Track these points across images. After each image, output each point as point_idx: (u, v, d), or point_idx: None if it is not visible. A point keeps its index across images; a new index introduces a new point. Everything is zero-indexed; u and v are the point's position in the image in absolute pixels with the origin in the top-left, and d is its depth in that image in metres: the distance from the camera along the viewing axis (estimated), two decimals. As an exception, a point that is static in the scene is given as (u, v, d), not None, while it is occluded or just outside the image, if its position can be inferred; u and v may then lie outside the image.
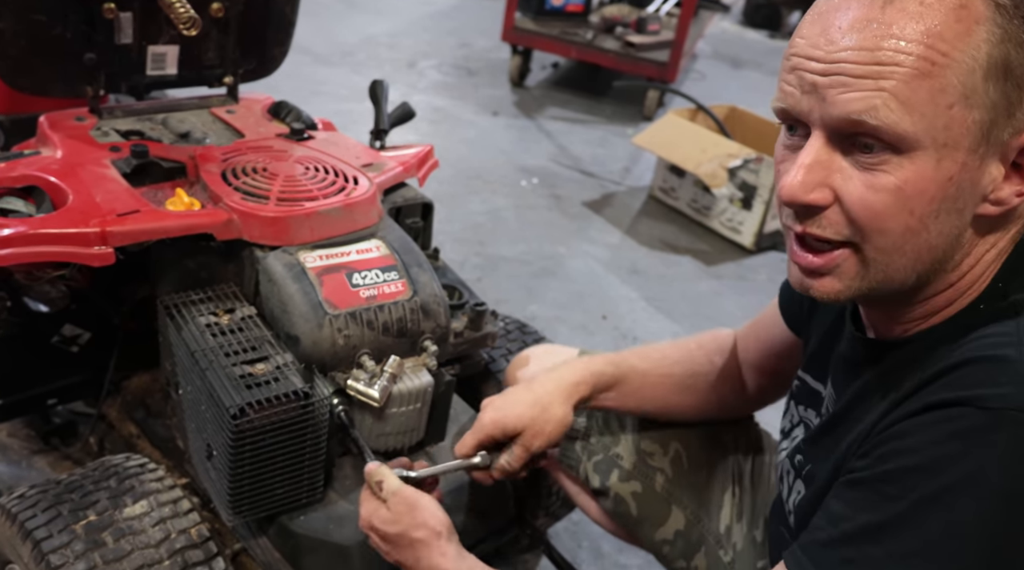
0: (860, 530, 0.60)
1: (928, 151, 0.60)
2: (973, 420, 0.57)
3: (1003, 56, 0.58)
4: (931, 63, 0.58)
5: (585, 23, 3.90)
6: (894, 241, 0.63)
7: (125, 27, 1.19)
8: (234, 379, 0.92)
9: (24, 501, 0.93)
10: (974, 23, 0.58)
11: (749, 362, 1.05)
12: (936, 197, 0.61)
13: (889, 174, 0.61)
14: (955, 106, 0.59)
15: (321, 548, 0.99)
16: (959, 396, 0.58)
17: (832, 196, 0.63)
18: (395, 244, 1.11)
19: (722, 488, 1.07)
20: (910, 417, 0.60)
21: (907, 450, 0.59)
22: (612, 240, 2.72)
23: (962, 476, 0.56)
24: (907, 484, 0.58)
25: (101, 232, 0.96)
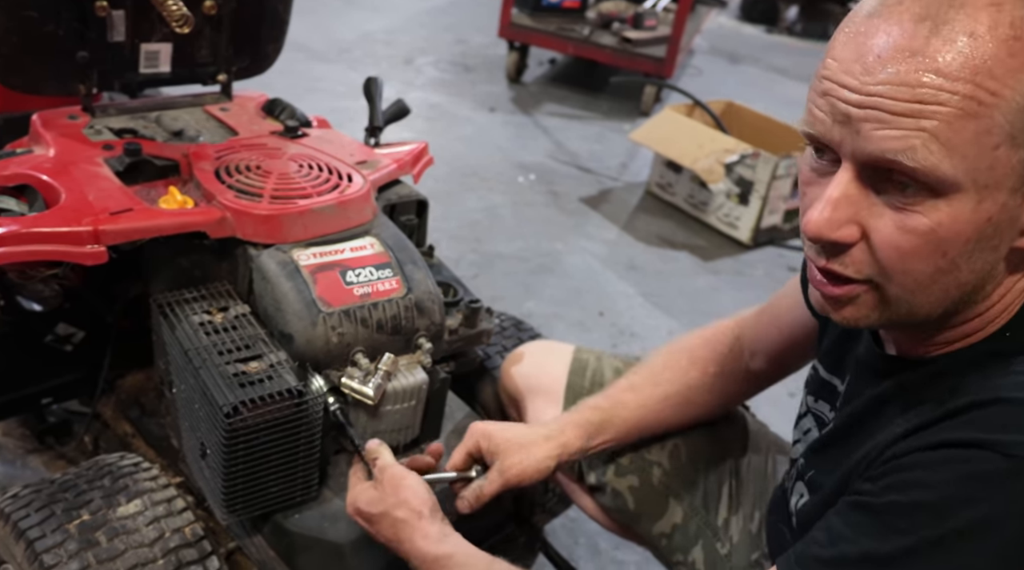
0: (861, 556, 0.59)
1: (968, 193, 0.57)
2: (993, 465, 0.55)
3: None
4: (978, 103, 0.54)
5: (582, 19, 3.90)
6: (920, 282, 0.60)
7: (118, 25, 1.18)
8: (227, 377, 0.92)
9: (17, 501, 0.93)
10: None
11: (767, 353, 1.01)
12: (972, 238, 0.58)
13: (923, 216, 0.57)
14: (1001, 147, 0.55)
15: (316, 546, 0.99)
16: (981, 439, 0.56)
17: (859, 233, 0.60)
18: (389, 241, 1.11)
19: (719, 481, 1.07)
20: (927, 450, 0.59)
21: (920, 484, 0.58)
22: (609, 236, 2.72)
23: (974, 521, 0.55)
24: (916, 520, 0.57)
25: (94, 231, 0.96)
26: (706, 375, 1.04)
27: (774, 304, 1.00)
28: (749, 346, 1.03)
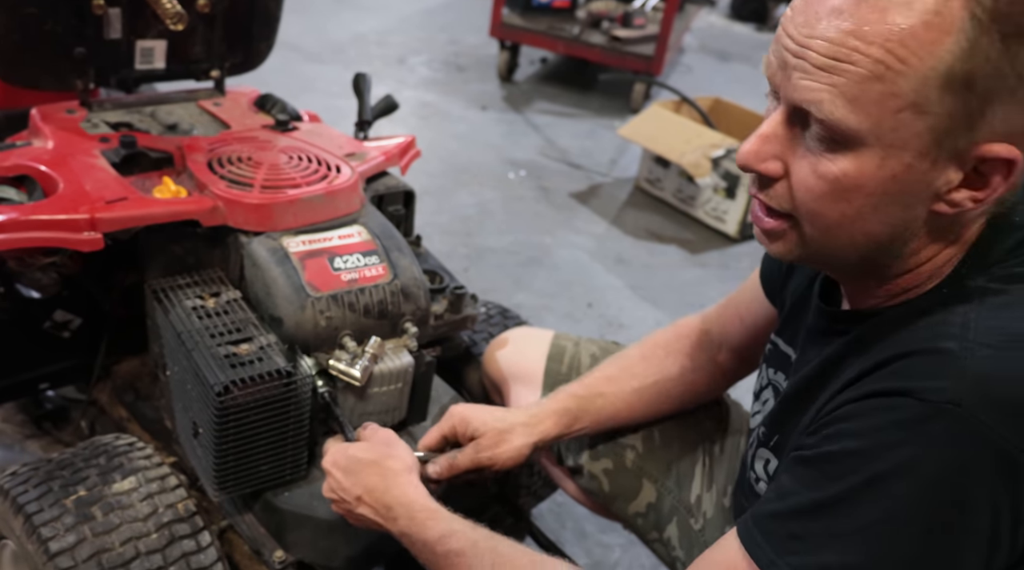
0: (804, 506, 0.63)
1: (873, 150, 0.61)
2: (912, 411, 0.59)
3: (966, 70, 0.57)
4: (886, 67, 0.58)
5: (572, 18, 3.94)
6: (828, 224, 0.65)
7: (114, 22, 1.22)
8: (219, 359, 0.96)
9: (16, 478, 0.97)
10: (944, 33, 0.57)
11: (732, 346, 1.05)
12: (876, 192, 0.62)
13: (832, 164, 0.62)
14: (904, 111, 0.59)
15: (305, 523, 1.03)
16: (900, 387, 0.60)
17: (783, 170, 0.66)
18: (376, 230, 1.15)
19: (693, 460, 1.10)
20: (856, 401, 0.63)
21: (849, 433, 0.62)
22: (598, 230, 2.76)
23: (897, 463, 0.59)
24: (847, 466, 0.61)
25: (90, 218, 1.00)
26: (680, 368, 1.07)
27: (735, 298, 1.04)
28: (716, 339, 1.06)
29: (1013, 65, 0.58)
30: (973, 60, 0.57)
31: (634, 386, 1.06)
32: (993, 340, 0.60)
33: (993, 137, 0.60)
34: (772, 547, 0.63)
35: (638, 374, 1.07)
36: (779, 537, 0.63)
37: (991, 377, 0.59)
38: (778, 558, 0.63)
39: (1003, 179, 0.61)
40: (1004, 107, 0.59)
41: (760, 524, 0.66)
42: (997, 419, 0.58)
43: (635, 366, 1.08)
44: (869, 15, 0.58)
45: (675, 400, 1.08)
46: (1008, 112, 0.59)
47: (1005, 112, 0.59)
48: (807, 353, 0.79)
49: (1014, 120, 0.60)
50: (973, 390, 0.58)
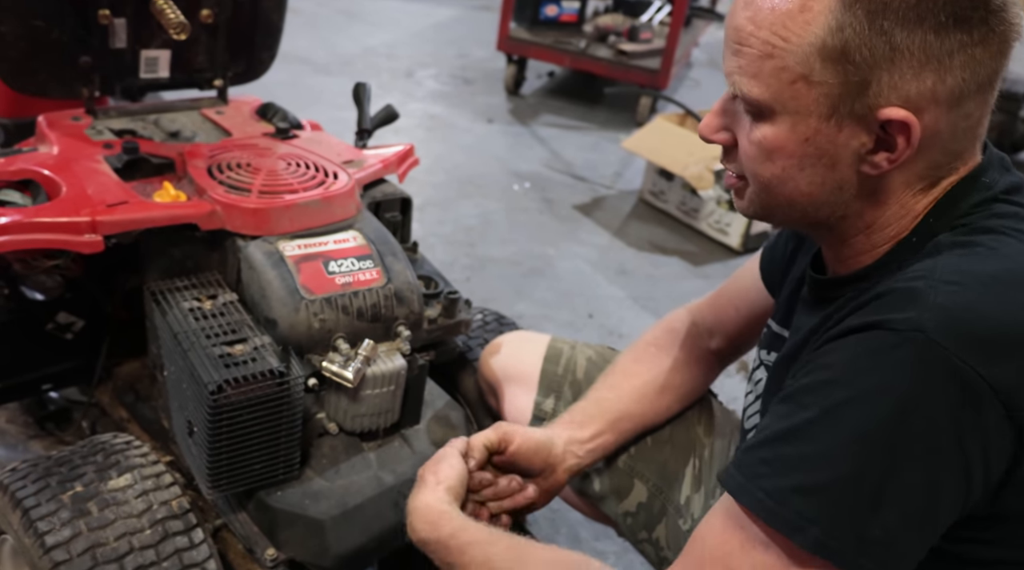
0: (777, 434, 0.67)
1: (783, 117, 0.70)
2: (881, 340, 0.64)
3: (839, 43, 0.66)
4: (772, 46, 0.68)
5: (579, 32, 3.98)
6: (764, 184, 0.74)
7: (119, 32, 1.26)
8: (213, 358, 0.98)
9: (15, 474, 0.99)
10: (816, 14, 0.66)
11: (724, 332, 1.08)
12: (795, 153, 0.71)
13: (757, 130, 0.72)
14: (797, 82, 0.68)
15: (297, 522, 1.04)
16: (872, 320, 0.65)
17: (732, 139, 0.76)
18: (371, 235, 1.17)
19: (683, 460, 1.11)
20: (834, 339, 0.68)
21: (825, 366, 0.66)
22: (601, 242, 2.77)
23: (867, 388, 0.63)
24: (820, 394, 0.65)
25: (91, 221, 1.02)
26: (674, 360, 1.10)
27: (728, 288, 1.09)
28: (708, 328, 1.10)
29: (883, 38, 0.65)
30: (843, 34, 0.65)
31: (636, 385, 1.09)
32: (956, 278, 0.65)
33: (888, 102, 0.66)
34: (743, 474, 0.67)
35: (635, 374, 1.10)
36: (750, 464, 0.67)
37: (953, 308, 0.63)
38: (748, 482, 0.66)
39: (906, 141, 0.67)
40: (888, 75, 0.66)
41: (737, 463, 0.69)
42: (959, 346, 0.61)
43: (631, 368, 1.11)
44: (762, 3, 0.69)
45: (675, 390, 1.10)
46: (894, 79, 0.66)
47: (891, 79, 0.66)
48: (798, 324, 0.84)
49: (903, 86, 0.66)
50: (936, 319, 0.62)
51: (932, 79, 0.66)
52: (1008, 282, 0.65)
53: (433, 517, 0.88)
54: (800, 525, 0.63)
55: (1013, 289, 0.65)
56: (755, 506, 0.65)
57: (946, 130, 0.68)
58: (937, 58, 0.65)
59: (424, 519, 0.88)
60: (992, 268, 0.66)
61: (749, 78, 0.70)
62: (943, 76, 0.66)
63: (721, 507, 0.70)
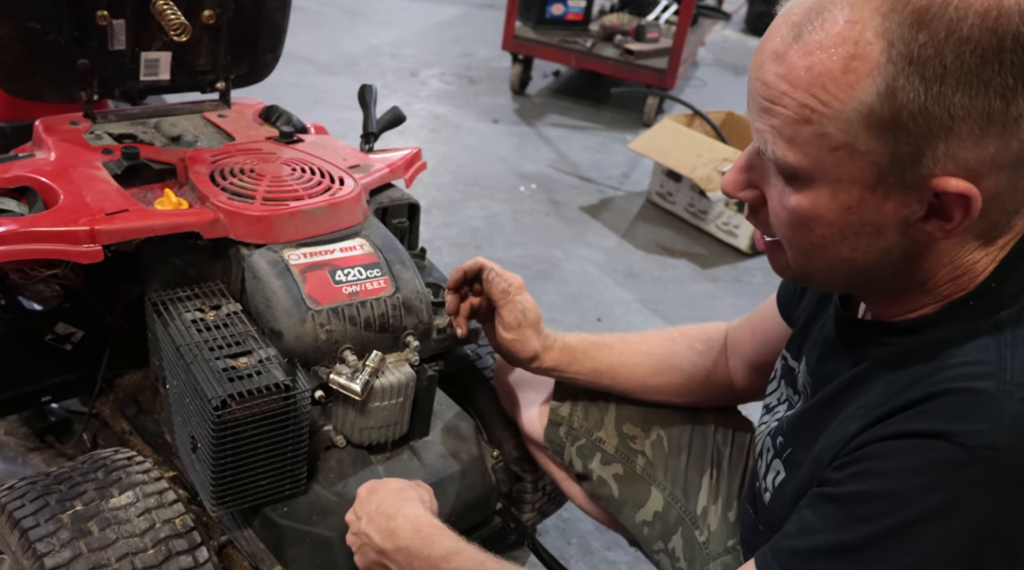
0: (830, 546, 0.62)
1: (822, 185, 0.62)
2: (947, 454, 0.58)
3: (890, 111, 0.58)
4: (811, 110, 0.60)
5: (585, 31, 3.94)
6: (802, 250, 0.68)
7: (118, 34, 1.22)
8: (217, 372, 0.95)
9: (13, 492, 0.96)
10: (862, 76, 0.58)
11: (742, 356, 1.07)
12: (836, 222, 0.64)
13: (791, 196, 0.65)
14: (840, 150, 0.60)
15: (304, 539, 1.01)
16: (936, 429, 0.59)
17: (761, 197, 0.69)
18: (379, 243, 1.14)
19: (700, 471, 1.09)
20: (887, 440, 0.62)
21: (880, 474, 0.61)
22: (609, 244, 2.74)
23: (931, 508, 0.58)
24: (878, 508, 0.60)
25: (90, 230, 0.99)
26: (691, 349, 1.09)
27: (755, 313, 1.06)
28: (733, 346, 1.08)
29: (941, 106, 0.57)
30: (895, 101, 0.58)
31: (644, 350, 1.10)
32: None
33: (945, 171, 0.59)
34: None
35: (652, 344, 1.11)
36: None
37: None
38: None
39: (963, 213, 0.60)
40: (945, 144, 0.58)
41: (781, 560, 0.64)
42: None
43: (652, 338, 1.13)
44: (797, 60, 0.60)
45: (681, 385, 1.09)
46: (952, 148, 0.58)
47: (948, 148, 0.58)
48: (821, 367, 0.78)
49: (962, 155, 0.59)
50: (1012, 434, 0.57)
51: (996, 145, 0.58)
52: None
53: (428, 531, 0.85)
54: None
55: None
56: None
57: (1007, 192, 0.61)
58: (1002, 123, 0.57)
59: (415, 530, 0.86)
60: None
61: (784, 142, 0.62)
62: (1008, 141, 0.58)
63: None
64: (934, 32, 0.56)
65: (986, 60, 0.56)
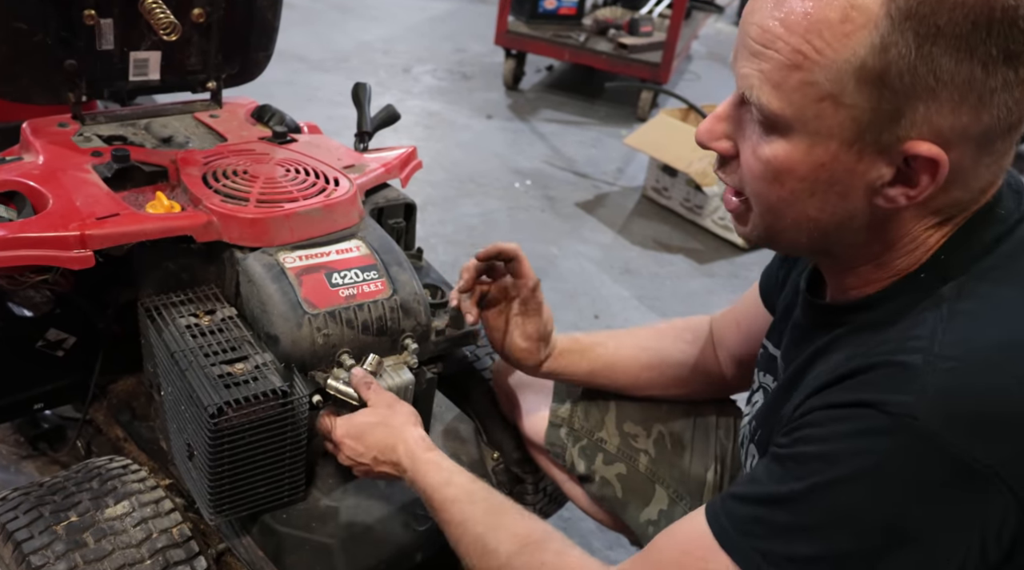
0: (768, 497, 0.65)
1: (800, 136, 0.63)
2: (874, 422, 0.61)
3: (880, 65, 0.59)
4: (803, 56, 0.61)
5: (578, 26, 3.92)
6: (769, 205, 0.68)
7: (106, 33, 1.20)
8: (213, 379, 0.93)
9: (6, 503, 0.94)
10: (859, 27, 0.59)
11: (728, 349, 1.08)
12: (807, 178, 0.65)
13: (767, 146, 0.65)
14: (825, 100, 0.61)
15: (304, 546, 1.00)
16: (865, 399, 0.62)
17: (734, 149, 0.69)
18: (375, 244, 1.12)
19: (704, 467, 1.09)
20: (825, 408, 0.65)
21: (817, 439, 0.64)
22: (605, 240, 2.73)
23: (857, 471, 0.61)
24: (812, 468, 0.63)
25: (80, 235, 0.97)
26: (680, 339, 1.11)
27: (737, 304, 1.07)
28: (718, 338, 1.09)
29: (929, 66, 0.59)
30: (886, 56, 0.59)
31: (634, 345, 1.11)
32: (957, 353, 0.61)
33: (919, 135, 0.61)
34: (733, 525, 0.66)
35: (642, 339, 1.13)
36: (741, 518, 0.66)
37: (952, 391, 0.60)
38: (738, 537, 0.66)
39: (930, 179, 0.62)
40: (925, 106, 0.60)
41: (725, 503, 0.68)
42: (955, 432, 0.59)
43: (641, 333, 1.15)
44: (796, 5, 0.61)
45: (673, 378, 1.11)
46: (930, 112, 0.60)
47: (927, 111, 0.60)
48: (792, 351, 0.80)
49: (937, 121, 0.60)
50: (933, 404, 0.59)
51: (969, 115, 0.60)
52: (1010, 349, 0.61)
53: (423, 467, 0.90)
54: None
55: (1014, 360, 0.61)
56: (747, 566, 0.65)
57: (970, 168, 0.64)
58: (979, 94, 0.59)
59: (415, 468, 0.90)
60: (997, 335, 0.62)
61: (770, 87, 0.62)
62: (980, 113, 0.60)
63: (694, 529, 0.69)
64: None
65: (976, 26, 0.58)
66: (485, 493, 0.87)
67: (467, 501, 0.86)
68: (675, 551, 0.70)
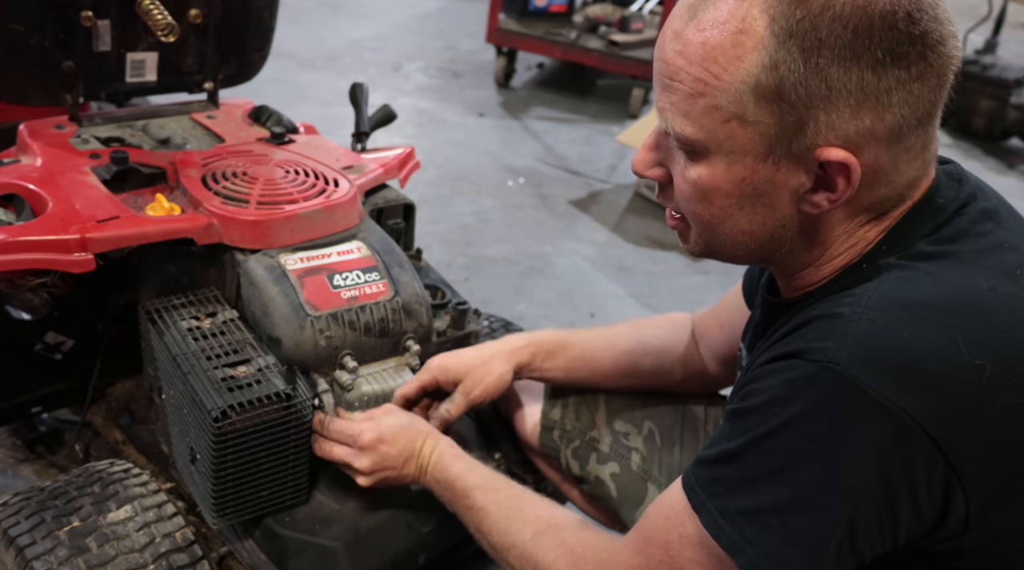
0: (724, 455, 0.68)
1: (718, 156, 0.67)
2: (801, 371, 0.64)
3: (773, 82, 0.63)
4: (704, 83, 0.65)
5: (569, 23, 3.92)
6: (703, 223, 0.72)
7: (103, 34, 1.19)
8: (216, 382, 0.93)
9: (7, 508, 0.93)
10: (749, 50, 0.63)
11: (711, 348, 1.09)
12: (732, 193, 0.69)
13: (691, 169, 0.69)
14: (731, 121, 0.65)
15: (307, 549, 1.00)
16: (794, 349, 0.65)
17: (667, 175, 0.74)
18: (376, 245, 1.12)
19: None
20: (765, 364, 0.68)
21: (756, 392, 0.67)
22: (599, 238, 2.73)
23: (787, 418, 0.64)
24: (752, 421, 0.66)
25: (81, 239, 0.96)
26: (659, 328, 1.14)
27: (720, 304, 1.08)
28: (699, 335, 1.11)
29: (819, 77, 0.62)
30: (777, 73, 0.63)
31: (611, 337, 1.13)
32: (881, 305, 0.64)
33: (827, 142, 0.64)
34: (700, 486, 0.69)
35: (619, 331, 1.15)
36: (706, 480, 0.69)
37: (872, 338, 0.62)
38: (707, 500, 0.68)
39: (846, 182, 0.65)
40: (825, 114, 0.63)
41: (694, 467, 0.71)
42: (874, 377, 0.61)
43: (617, 328, 1.16)
44: (692, 36, 0.65)
45: (654, 371, 1.12)
46: (831, 119, 0.63)
47: (828, 119, 0.63)
48: (750, 344, 0.84)
49: (841, 126, 0.64)
50: (853, 350, 0.62)
51: (871, 117, 0.63)
52: (937, 307, 0.63)
53: (446, 459, 0.94)
54: (741, 547, 0.65)
55: (940, 314, 0.63)
56: (708, 524, 0.67)
57: (888, 165, 0.66)
58: (875, 96, 0.63)
59: (439, 464, 0.95)
60: (924, 292, 0.65)
61: (681, 116, 0.66)
62: (882, 114, 0.63)
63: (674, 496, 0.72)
64: (811, 7, 0.62)
65: (858, 34, 0.61)
66: (505, 482, 0.92)
67: (489, 488, 0.90)
68: (659, 518, 0.74)
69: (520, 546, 0.85)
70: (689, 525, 0.69)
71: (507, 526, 0.86)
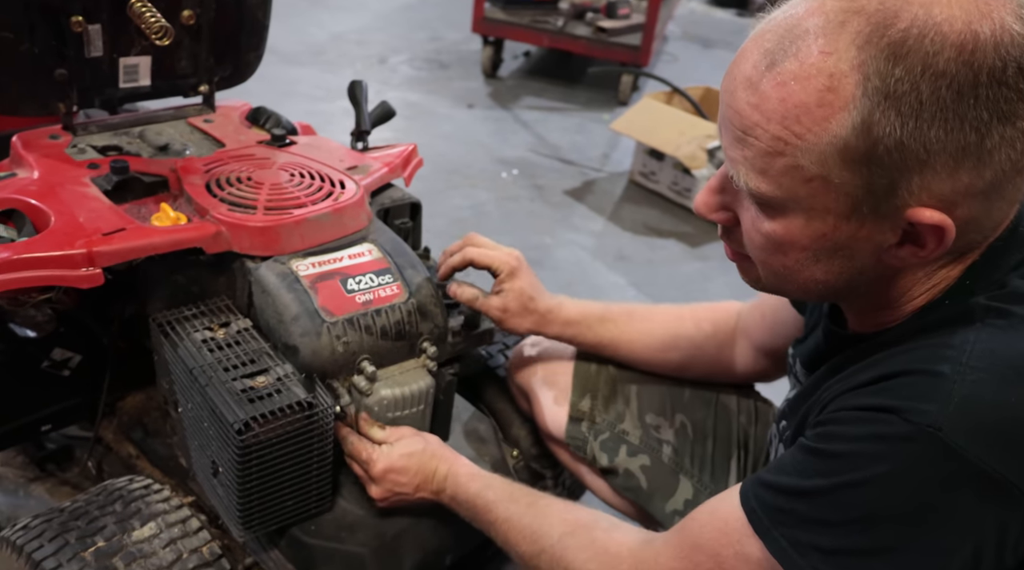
0: (794, 489, 0.66)
1: (796, 213, 0.63)
2: (896, 429, 0.61)
3: (865, 145, 0.58)
4: (784, 143, 0.60)
5: (555, 10, 3.88)
6: (774, 271, 0.69)
7: (95, 40, 1.16)
8: (235, 394, 0.91)
9: (29, 532, 0.91)
10: (837, 109, 0.58)
11: (751, 339, 1.08)
12: (809, 248, 0.65)
13: (765, 221, 0.65)
14: (814, 181, 0.61)
15: (334, 556, 0.98)
16: (890, 404, 0.62)
17: (734, 218, 0.70)
18: (387, 246, 1.10)
19: (727, 455, 1.10)
20: (851, 410, 0.65)
21: (840, 438, 0.65)
22: (596, 227, 2.72)
23: (874, 474, 0.61)
24: (833, 466, 0.64)
25: (88, 253, 0.94)
26: (698, 329, 1.11)
27: (766, 297, 1.05)
28: (743, 326, 1.09)
29: (918, 140, 0.57)
30: (870, 136, 0.58)
31: (647, 329, 1.12)
32: (985, 364, 0.61)
33: (919, 202, 0.60)
34: (764, 511, 0.68)
35: (657, 321, 1.12)
36: (771, 506, 0.67)
37: (977, 403, 0.59)
38: (769, 524, 0.67)
39: (937, 242, 0.62)
40: (920, 177, 0.59)
41: (757, 489, 0.69)
42: (978, 444, 0.58)
43: (659, 315, 1.14)
44: (770, 90, 0.60)
45: (687, 361, 1.11)
46: (926, 181, 0.59)
47: (923, 181, 0.59)
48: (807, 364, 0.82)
49: (936, 187, 0.59)
50: (957, 415, 0.59)
51: (969, 176, 0.59)
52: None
53: (463, 479, 0.94)
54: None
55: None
56: (777, 551, 0.66)
57: (982, 216, 0.62)
58: (976, 156, 0.58)
59: (456, 483, 0.95)
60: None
61: (756, 173, 0.62)
62: (982, 171, 0.59)
63: (730, 511, 0.70)
64: (910, 66, 0.56)
65: (962, 95, 0.56)
66: (524, 491, 0.92)
67: (510, 499, 0.90)
68: (714, 530, 0.71)
69: (549, 550, 0.84)
70: (749, 546, 0.68)
71: (533, 533, 0.86)
